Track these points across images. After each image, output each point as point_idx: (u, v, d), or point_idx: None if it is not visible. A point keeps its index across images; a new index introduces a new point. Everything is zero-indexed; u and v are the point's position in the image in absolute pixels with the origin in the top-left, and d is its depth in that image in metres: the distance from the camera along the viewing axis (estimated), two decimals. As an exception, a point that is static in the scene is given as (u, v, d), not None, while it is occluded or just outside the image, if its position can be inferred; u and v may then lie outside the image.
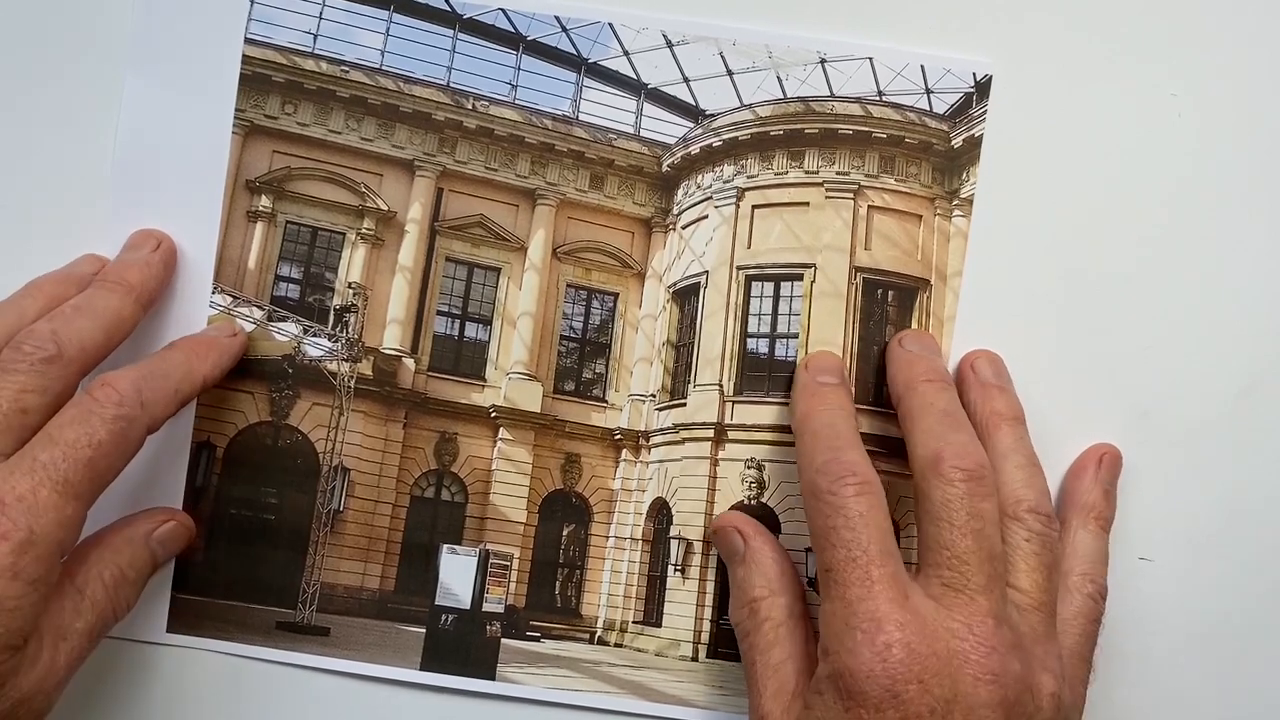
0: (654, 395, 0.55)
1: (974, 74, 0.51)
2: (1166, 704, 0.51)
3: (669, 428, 0.55)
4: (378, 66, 0.53)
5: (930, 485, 0.43)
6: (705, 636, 0.53)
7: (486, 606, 0.53)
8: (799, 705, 0.42)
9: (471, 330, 0.55)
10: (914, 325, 0.53)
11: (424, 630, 0.52)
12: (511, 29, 0.53)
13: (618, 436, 0.55)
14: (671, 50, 0.53)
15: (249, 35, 0.51)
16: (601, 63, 0.53)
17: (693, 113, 0.54)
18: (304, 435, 0.53)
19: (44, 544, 0.39)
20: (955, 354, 0.51)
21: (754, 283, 0.55)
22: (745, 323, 0.55)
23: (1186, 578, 0.51)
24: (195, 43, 0.51)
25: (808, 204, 0.54)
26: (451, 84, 0.54)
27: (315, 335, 0.54)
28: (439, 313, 0.55)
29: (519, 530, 0.54)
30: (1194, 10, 0.50)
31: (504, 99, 0.54)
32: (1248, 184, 0.51)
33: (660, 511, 0.55)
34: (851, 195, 0.54)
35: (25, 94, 0.52)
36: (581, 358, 0.56)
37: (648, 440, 0.55)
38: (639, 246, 0.56)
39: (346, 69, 0.53)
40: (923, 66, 0.51)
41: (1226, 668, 0.51)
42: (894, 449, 0.51)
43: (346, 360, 0.54)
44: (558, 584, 0.55)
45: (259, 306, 0.53)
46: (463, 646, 0.52)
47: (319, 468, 0.53)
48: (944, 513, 0.42)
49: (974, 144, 0.51)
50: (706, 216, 0.56)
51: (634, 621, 0.54)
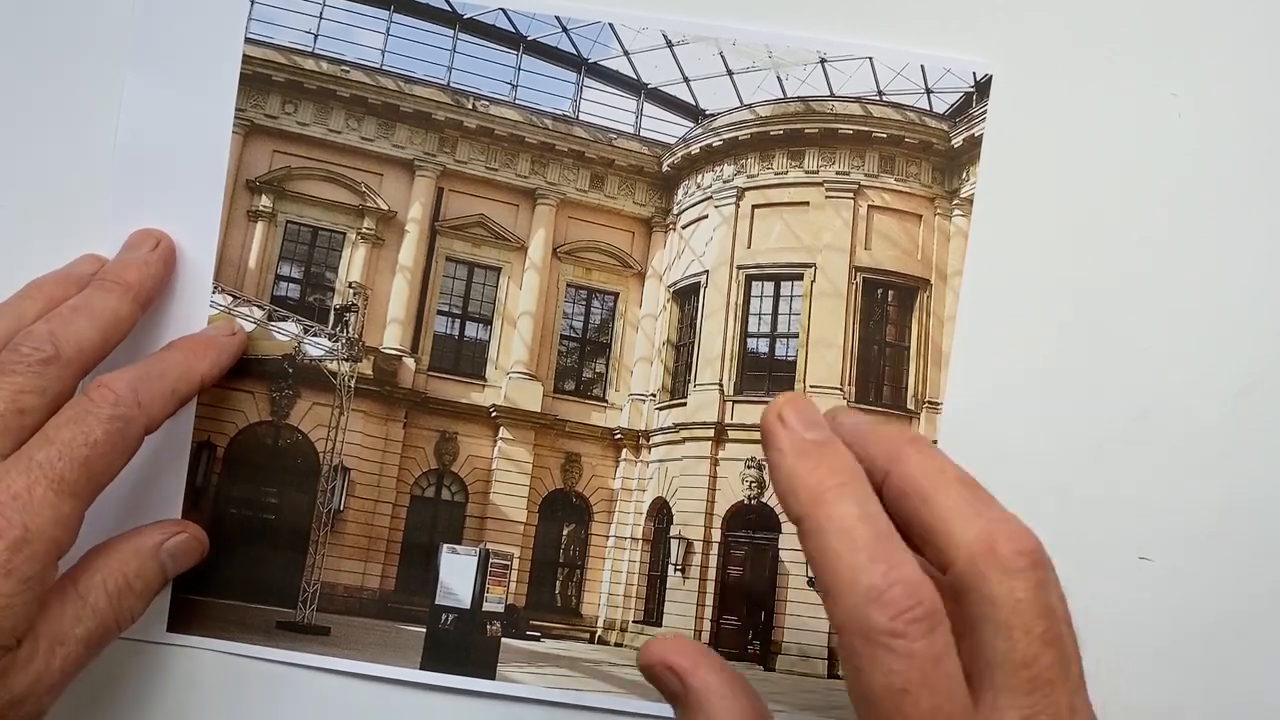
0: (654, 395, 0.55)
1: (974, 74, 0.51)
2: (1166, 704, 0.51)
3: (669, 427, 0.55)
4: (378, 66, 0.53)
5: (987, 581, 0.32)
6: (705, 636, 0.53)
7: (487, 606, 0.53)
8: None
9: (472, 330, 0.55)
10: (914, 325, 0.53)
11: (424, 630, 0.52)
12: (512, 29, 0.53)
13: (618, 436, 0.55)
14: (671, 50, 0.53)
15: (249, 35, 0.51)
16: (602, 63, 0.53)
17: (693, 113, 0.54)
18: (304, 435, 0.53)
19: (39, 542, 0.39)
20: (956, 354, 0.51)
21: (754, 282, 0.55)
22: (745, 322, 0.55)
23: (1186, 578, 0.51)
24: (195, 43, 0.51)
25: (808, 204, 0.54)
26: (452, 84, 0.54)
27: (315, 335, 0.54)
28: (439, 312, 0.55)
29: (519, 530, 0.54)
30: (1194, 10, 0.50)
31: (504, 99, 0.54)
32: (1248, 184, 0.51)
33: (660, 511, 0.55)
34: (851, 195, 0.54)
35: (26, 94, 0.52)
36: (582, 357, 0.56)
37: (648, 440, 0.55)
38: (639, 246, 0.56)
39: (347, 69, 0.53)
40: (923, 66, 0.51)
41: (1226, 668, 0.51)
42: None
43: (347, 360, 0.54)
44: (558, 583, 0.55)
45: (259, 306, 0.53)
46: (463, 646, 0.52)
47: (319, 467, 0.53)
48: (1015, 619, 0.31)
49: (974, 144, 0.51)
50: (706, 216, 0.56)
51: (634, 621, 0.54)
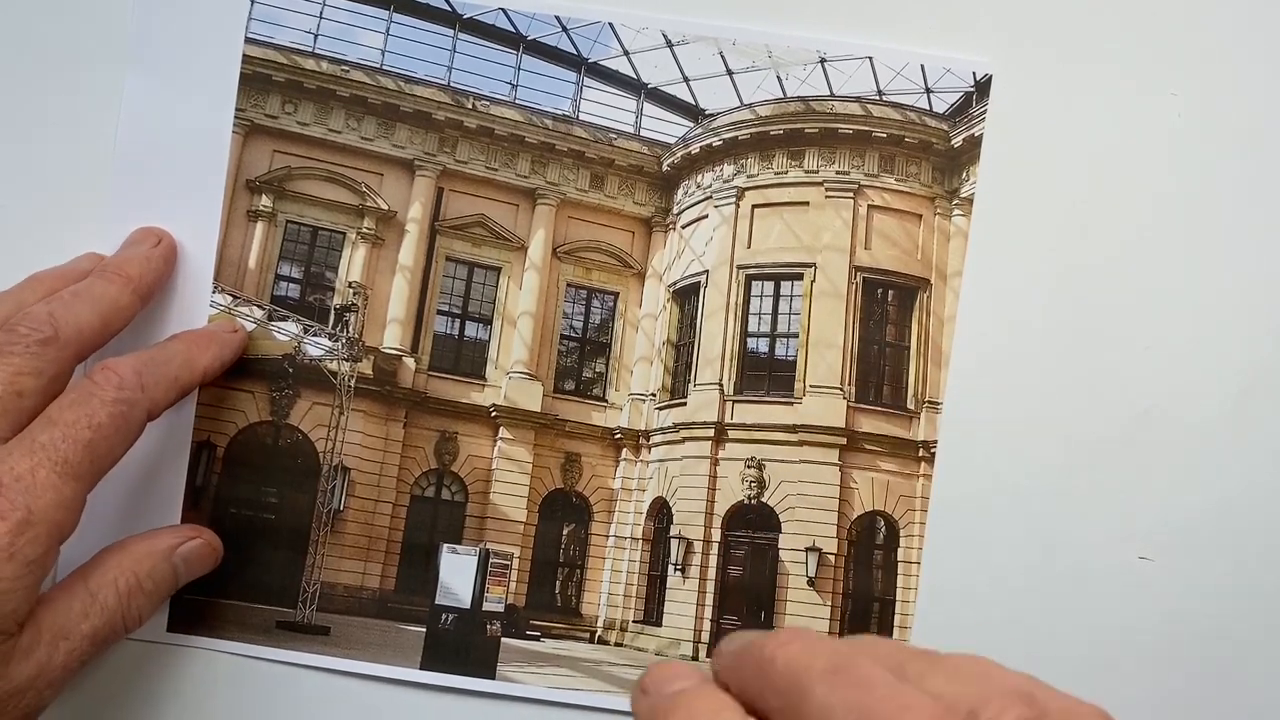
0: (654, 395, 0.55)
1: (974, 74, 0.51)
2: (1166, 704, 0.51)
3: (669, 427, 0.55)
4: (378, 66, 0.53)
5: None
6: (705, 636, 0.53)
7: (486, 606, 0.53)
8: None
9: (472, 330, 0.55)
10: (914, 325, 0.53)
11: (424, 629, 0.52)
12: (512, 29, 0.53)
13: (618, 436, 0.55)
14: (671, 50, 0.53)
15: (249, 35, 0.51)
16: (602, 62, 0.53)
17: (693, 112, 0.54)
18: (304, 435, 0.53)
19: (42, 524, 0.38)
20: (956, 354, 0.51)
21: (754, 282, 0.55)
22: (745, 322, 0.55)
23: (1186, 578, 0.51)
24: (195, 43, 0.51)
25: (808, 203, 0.54)
26: (452, 84, 0.54)
27: (315, 335, 0.54)
28: (439, 312, 0.55)
29: (519, 529, 0.54)
30: (1194, 10, 0.50)
31: (504, 99, 0.54)
32: (1248, 184, 0.51)
33: (660, 511, 0.55)
34: (851, 195, 0.54)
35: (26, 94, 0.52)
36: (582, 357, 0.56)
37: (648, 439, 0.55)
38: (639, 246, 0.56)
39: (347, 69, 0.53)
40: (923, 66, 0.51)
41: (1226, 668, 0.51)
42: (894, 448, 0.51)
43: (347, 360, 0.54)
44: (558, 583, 0.54)
45: (259, 306, 0.53)
46: (463, 646, 0.52)
47: (319, 467, 0.53)
48: None
49: (974, 143, 0.51)
50: (706, 216, 0.56)
51: (634, 621, 0.54)
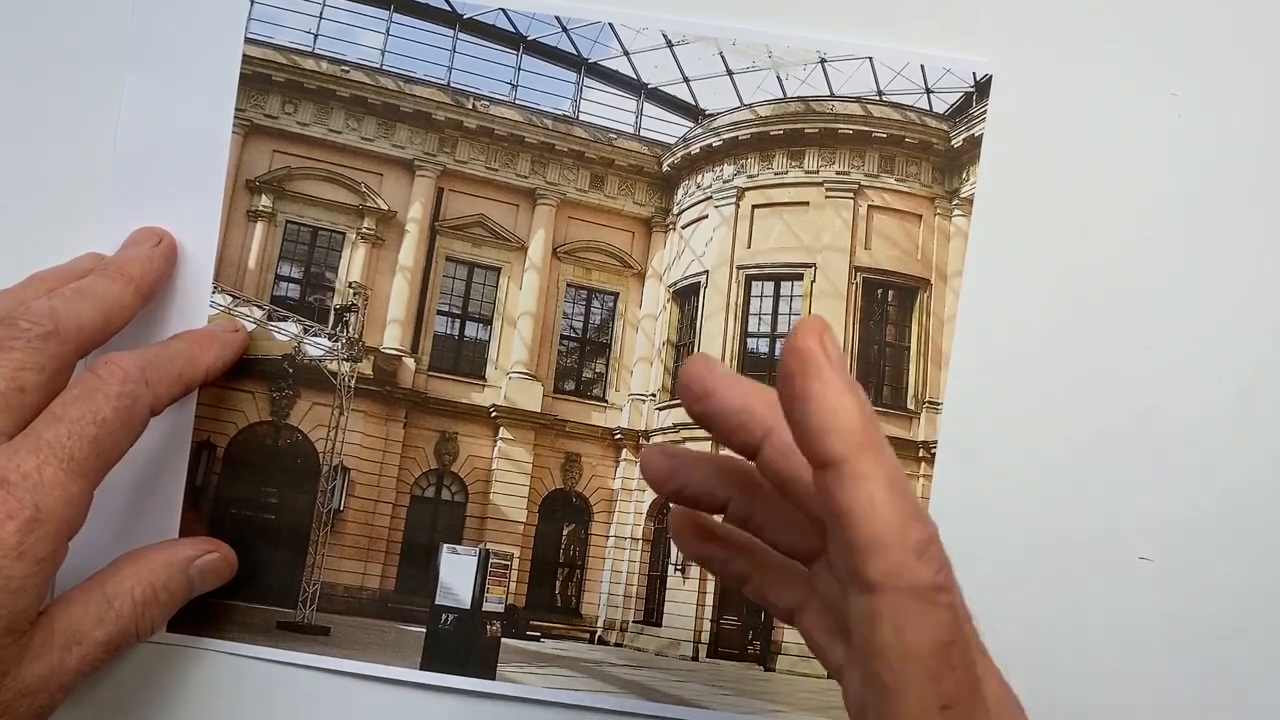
0: (654, 395, 0.55)
1: (974, 74, 0.51)
2: (1166, 704, 0.51)
3: (669, 427, 0.55)
4: (378, 66, 0.53)
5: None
6: (706, 636, 0.53)
7: (487, 606, 0.53)
8: None
9: (472, 330, 0.55)
10: (914, 325, 0.53)
11: (424, 630, 0.52)
12: (512, 29, 0.53)
13: (618, 436, 0.55)
14: (671, 50, 0.52)
15: (249, 35, 0.51)
16: (601, 63, 0.53)
17: (693, 112, 0.54)
18: (304, 435, 0.53)
19: (51, 522, 0.38)
20: (956, 354, 0.51)
21: (754, 282, 0.55)
22: (745, 322, 0.55)
23: (1186, 578, 0.51)
24: (195, 43, 0.51)
25: (808, 204, 0.54)
26: (452, 84, 0.54)
27: (315, 335, 0.54)
28: (439, 312, 0.55)
29: (519, 530, 0.54)
30: (1194, 10, 0.50)
31: (504, 99, 0.54)
32: (1248, 184, 0.51)
33: (660, 511, 0.55)
34: (851, 195, 0.54)
35: (26, 94, 0.52)
36: (581, 357, 0.56)
37: (648, 440, 0.55)
38: (639, 246, 0.56)
39: (347, 69, 0.53)
40: (923, 66, 0.51)
41: (1226, 668, 0.51)
42: (894, 448, 0.51)
43: (347, 360, 0.54)
44: (558, 584, 0.54)
45: (259, 306, 0.53)
46: (463, 646, 0.52)
47: (319, 467, 0.53)
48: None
49: (974, 144, 0.51)
50: (706, 216, 0.56)
51: (634, 621, 0.54)
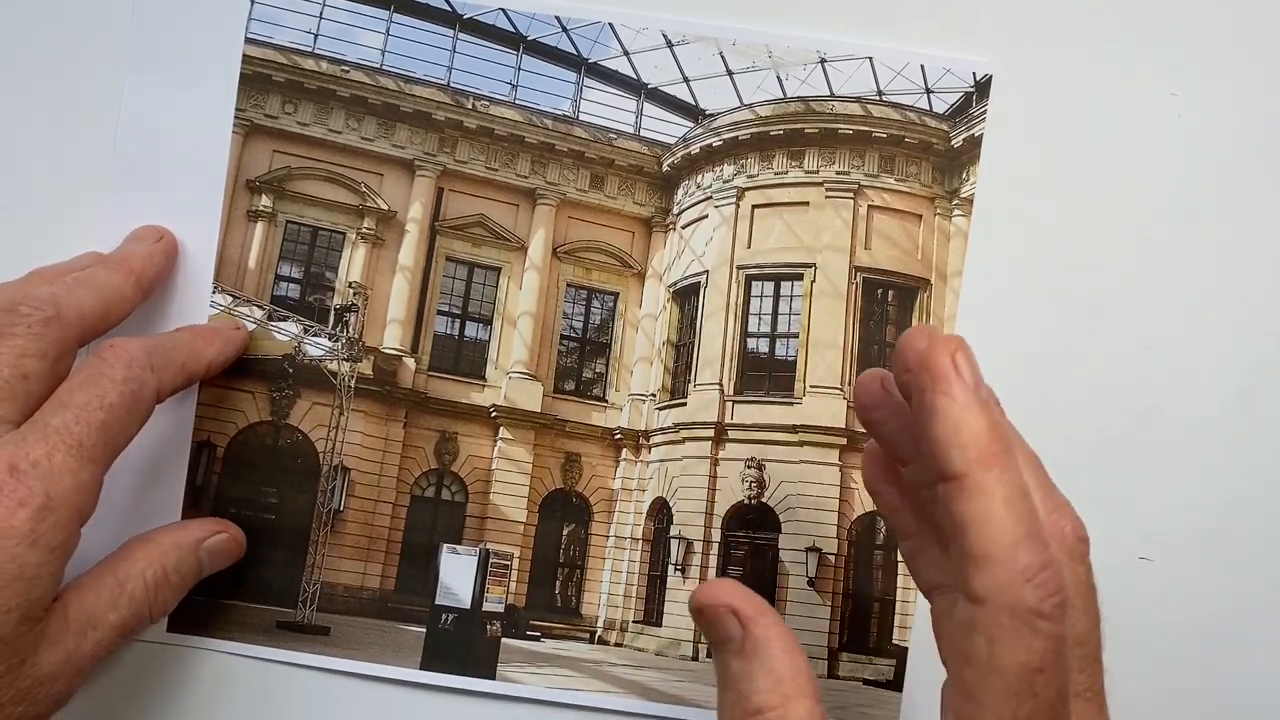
0: (654, 395, 0.55)
1: (974, 74, 0.51)
2: (1166, 704, 0.51)
3: (669, 427, 0.55)
4: (378, 66, 0.53)
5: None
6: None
7: (487, 606, 0.53)
8: None
9: (472, 330, 0.55)
10: (914, 324, 0.53)
11: (424, 630, 0.52)
12: (512, 29, 0.53)
13: (618, 436, 0.55)
14: (671, 50, 0.53)
15: (249, 35, 0.51)
16: (601, 63, 0.53)
17: (693, 112, 0.54)
18: (304, 435, 0.53)
19: (62, 509, 0.38)
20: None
21: (754, 282, 0.55)
22: (745, 322, 0.55)
23: (1186, 578, 0.51)
24: (195, 43, 0.51)
25: (808, 204, 0.54)
26: (452, 84, 0.54)
27: (315, 335, 0.54)
28: (439, 312, 0.55)
29: (519, 530, 0.54)
30: (1194, 10, 0.50)
31: (504, 99, 0.54)
32: (1248, 184, 0.51)
33: (660, 511, 0.55)
34: (851, 195, 0.54)
35: (26, 94, 0.52)
36: (581, 357, 0.56)
37: (648, 440, 0.55)
38: (639, 246, 0.56)
39: (347, 69, 0.53)
40: (923, 66, 0.51)
41: (1226, 667, 0.51)
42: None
43: (347, 360, 0.54)
44: (558, 583, 0.55)
45: (259, 306, 0.53)
46: (463, 646, 0.52)
47: (319, 467, 0.53)
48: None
49: (974, 144, 0.51)
50: (706, 216, 0.56)
51: (634, 621, 0.54)
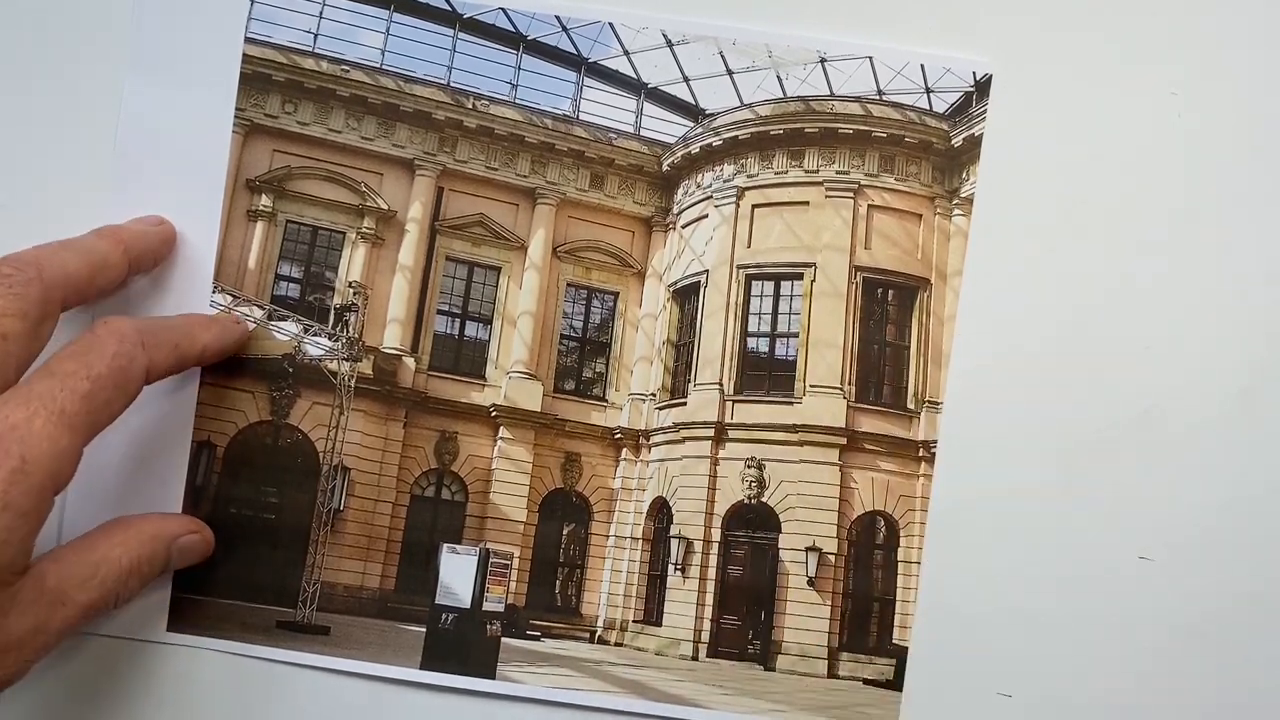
0: (654, 394, 0.55)
1: (974, 74, 0.51)
2: (1166, 703, 0.51)
3: (669, 427, 0.55)
4: (378, 66, 0.53)
5: None
6: (705, 635, 0.53)
7: (487, 606, 0.53)
8: None
9: (472, 329, 0.55)
10: (914, 325, 0.53)
11: (424, 629, 0.52)
12: (512, 29, 0.53)
13: (618, 436, 0.55)
14: (671, 50, 0.53)
15: (249, 34, 0.51)
16: (602, 62, 0.54)
17: (693, 112, 0.54)
18: (304, 434, 0.53)
19: (37, 474, 0.37)
20: (956, 354, 0.51)
21: (754, 282, 0.55)
22: (745, 322, 0.55)
23: (1186, 578, 0.51)
24: (195, 42, 0.51)
25: (808, 203, 0.54)
26: (452, 83, 0.54)
27: (315, 334, 0.54)
28: (439, 312, 0.55)
29: (519, 529, 0.54)
30: (1194, 10, 0.50)
31: (504, 98, 0.54)
32: (1248, 184, 0.51)
33: (660, 510, 0.55)
34: (851, 194, 0.54)
35: (27, 94, 0.52)
36: (582, 357, 0.56)
37: (648, 439, 0.55)
38: (639, 246, 0.56)
39: (347, 68, 0.53)
40: (923, 66, 0.51)
41: (1226, 667, 0.51)
42: (894, 448, 0.51)
43: (347, 359, 0.54)
44: (558, 583, 0.55)
45: (259, 306, 0.53)
46: (463, 646, 0.52)
47: (319, 467, 0.53)
48: None
49: (974, 143, 0.51)
50: (706, 216, 0.56)
51: (634, 620, 0.54)
